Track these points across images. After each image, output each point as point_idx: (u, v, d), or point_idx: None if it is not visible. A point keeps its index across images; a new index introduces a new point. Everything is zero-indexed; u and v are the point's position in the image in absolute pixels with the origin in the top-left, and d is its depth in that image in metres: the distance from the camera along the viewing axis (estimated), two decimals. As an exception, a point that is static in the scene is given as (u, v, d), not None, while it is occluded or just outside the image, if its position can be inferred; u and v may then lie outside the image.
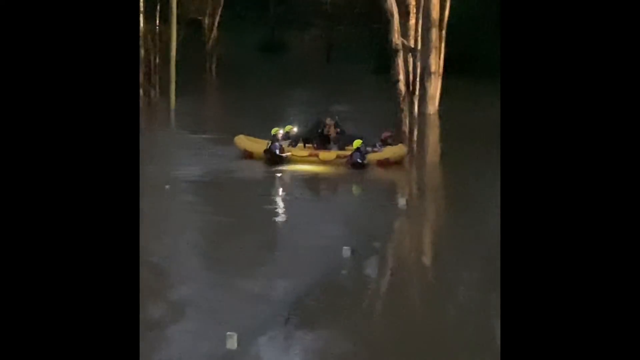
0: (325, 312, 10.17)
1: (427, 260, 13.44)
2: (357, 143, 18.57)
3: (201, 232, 13.98)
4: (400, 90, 22.08)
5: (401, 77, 22.06)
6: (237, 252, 12.33)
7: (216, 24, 40.07)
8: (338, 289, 11.15)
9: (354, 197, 17.14)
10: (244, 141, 19.97)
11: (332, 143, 19.44)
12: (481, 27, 37.70)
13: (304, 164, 18.84)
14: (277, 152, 18.71)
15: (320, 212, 15.34)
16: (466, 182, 18.03)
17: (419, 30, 23.64)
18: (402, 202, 15.94)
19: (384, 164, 18.81)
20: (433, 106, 27.61)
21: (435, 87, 27.69)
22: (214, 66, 39.96)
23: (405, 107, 22.15)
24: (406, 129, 22.09)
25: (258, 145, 19.56)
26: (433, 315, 10.36)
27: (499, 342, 9.40)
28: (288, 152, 18.97)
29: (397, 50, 22.02)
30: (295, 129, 19.92)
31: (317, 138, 19.65)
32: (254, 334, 8.93)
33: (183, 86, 28.83)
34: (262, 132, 20.10)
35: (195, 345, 8.63)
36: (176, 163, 19.22)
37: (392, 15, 21.69)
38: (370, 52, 37.00)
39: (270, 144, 18.83)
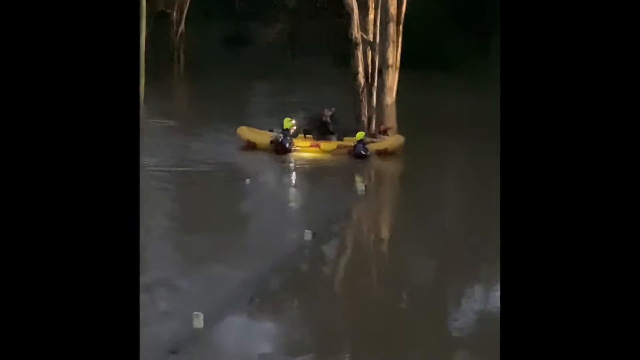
0: (287, 293, 10.19)
1: (384, 243, 13.51)
2: (360, 135, 18.85)
3: (171, 217, 13.89)
4: (360, 82, 22.10)
5: (360, 69, 22.08)
6: (204, 236, 12.28)
7: (184, 17, 39.73)
8: (299, 271, 11.19)
9: (323, 183, 17.09)
10: (246, 132, 19.82)
11: (331, 134, 19.55)
12: (436, 22, 37.93)
13: (307, 154, 18.98)
14: (287, 145, 18.78)
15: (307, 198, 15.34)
16: (422, 168, 18.13)
17: (378, 24, 23.63)
18: (361, 188, 15.98)
19: (383, 154, 19.03)
20: (390, 97, 27.72)
21: (392, 79, 27.79)
22: (181, 59, 39.62)
23: (364, 98, 22.18)
24: (365, 119, 22.14)
25: (261, 136, 19.47)
26: (390, 297, 10.42)
27: (453, 323, 9.60)
28: (292, 144, 19.03)
29: (356, 44, 22.03)
30: (293, 122, 19.67)
31: (316, 129, 19.70)
32: (220, 314, 8.92)
33: (151, 76, 28.54)
34: (230, 121, 19.97)
35: (163, 324, 8.59)
36: (147, 151, 19.04)
37: (352, 10, 21.67)
38: (332, 46, 36.95)
39: (281, 138, 18.81)
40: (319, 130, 19.73)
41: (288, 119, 19.39)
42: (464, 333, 9.36)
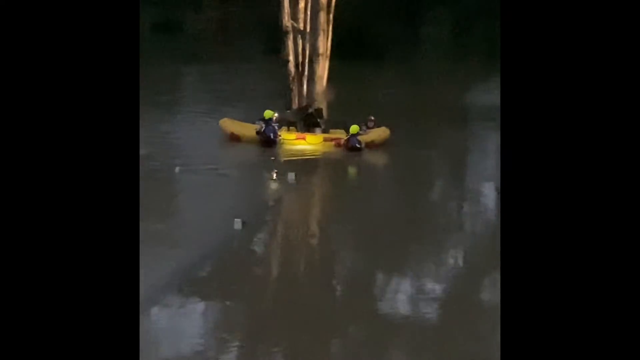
0: (216, 281, 10.17)
1: (313, 231, 13.56)
2: (354, 128, 18.69)
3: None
4: (290, 71, 22.09)
5: (291, 58, 22.07)
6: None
7: (111, 3, 38.90)
8: (229, 259, 11.16)
9: (253, 172, 17.00)
10: (229, 124, 19.46)
11: (316, 126, 19.37)
12: (367, 11, 38.07)
13: (297, 147, 18.71)
14: (272, 136, 18.48)
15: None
16: (352, 157, 18.23)
17: (308, 13, 23.61)
18: (291, 177, 16.00)
19: (370, 145, 18.88)
20: (321, 86, 27.69)
21: (323, 68, 27.73)
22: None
23: (294, 86, 22.17)
24: (296, 107, 22.15)
25: (245, 128, 19.11)
26: (319, 285, 10.49)
27: (381, 310, 9.70)
28: (279, 135, 18.74)
29: (287, 33, 22.01)
30: (276, 114, 19.28)
31: (301, 121, 19.45)
32: (150, 303, 8.85)
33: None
34: (162, 108, 19.66)
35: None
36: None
37: (282, -2, 21.64)
38: (262, 34, 36.77)
39: (263, 128, 18.50)
40: (304, 122, 19.47)
41: (270, 111, 18.96)
42: (394, 321, 9.47)
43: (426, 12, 45.10)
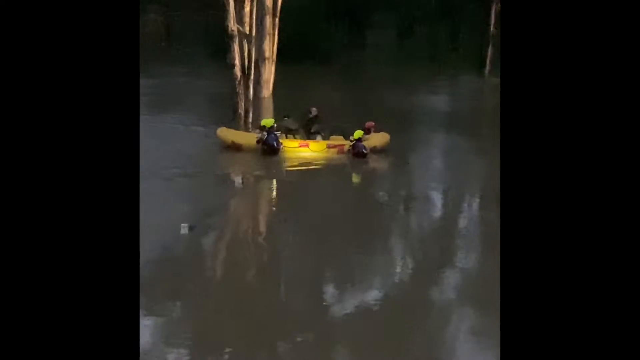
0: (161, 285, 10.07)
1: (261, 235, 13.51)
2: (358, 133, 18.33)
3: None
4: (236, 75, 22.00)
5: (237, 62, 21.97)
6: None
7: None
8: (175, 264, 11.06)
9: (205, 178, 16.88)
10: (228, 133, 19.10)
11: (317, 133, 19.05)
12: (312, 15, 38.13)
13: (295, 154, 18.37)
14: (275, 144, 18.11)
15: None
16: (301, 160, 18.21)
17: (254, 17, 23.56)
18: (238, 181, 15.92)
19: (372, 151, 18.58)
20: (267, 90, 27.71)
21: (269, 72, 27.78)
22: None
23: (241, 90, 22.09)
24: (242, 111, 22.07)
25: (245, 137, 18.79)
26: (266, 288, 10.45)
27: (331, 309, 9.70)
28: (281, 143, 18.39)
29: (232, 36, 21.90)
30: (275, 123, 18.95)
31: (302, 129, 19.17)
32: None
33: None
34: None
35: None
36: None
37: (228, 2, 21.53)
38: (208, 38, 36.57)
39: (265, 136, 18.17)
40: (305, 129, 19.22)
41: (270, 119, 18.70)
42: (343, 323, 9.48)
43: (371, 16, 45.39)
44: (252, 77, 23.03)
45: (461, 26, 45.20)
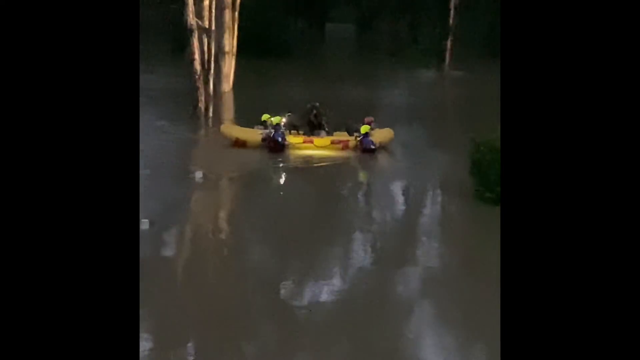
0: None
1: (222, 229, 13.44)
2: (365, 128, 18.08)
3: None
4: (196, 69, 21.84)
5: (196, 56, 21.81)
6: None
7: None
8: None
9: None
10: (232, 129, 18.79)
11: (321, 129, 18.82)
12: (272, 9, 38.00)
13: (301, 150, 18.13)
14: (280, 140, 17.89)
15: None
16: (261, 154, 18.14)
17: (213, 11, 23.39)
18: (199, 175, 15.81)
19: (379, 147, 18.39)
20: (228, 84, 27.56)
21: (229, 66, 27.62)
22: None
23: (201, 85, 21.94)
24: (202, 105, 21.93)
25: (250, 134, 18.48)
26: (228, 283, 10.40)
27: (292, 302, 9.68)
28: (287, 140, 18.18)
29: (192, 31, 21.74)
30: (284, 119, 18.70)
31: (306, 125, 18.94)
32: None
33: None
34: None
35: None
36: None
37: (186, -4, 21.39)
38: (167, 32, 36.26)
39: (273, 133, 17.94)
40: (309, 125, 19.01)
41: (275, 116, 18.42)
42: (305, 317, 9.46)
43: (331, 10, 45.42)
44: (212, 71, 22.90)
45: (421, 20, 45.41)
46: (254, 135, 18.43)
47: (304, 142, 18.45)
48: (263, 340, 8.84)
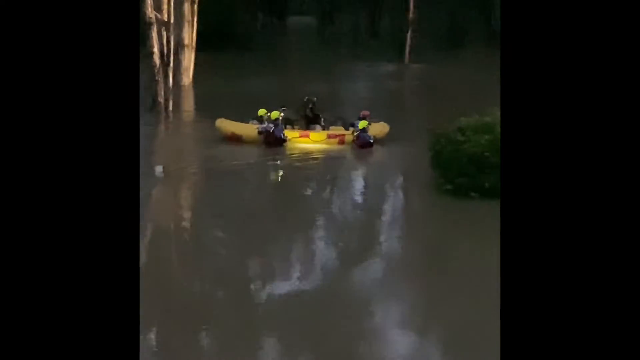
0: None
1: (184, 223, 13.35)
2: (362, 124, 17.94)
3: None
4: (155, 62, 21.65)
5: (155, 49, 21.62)
6: None
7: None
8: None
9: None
10: (228, 124, 18.55)
11: (316, 123, 18.69)
12: (232, 1, 37.83)
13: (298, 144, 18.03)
14: (281, 135, 17.82)
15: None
16: (219, 146, 18.06)
17: (172, 4, 23.21)
18: (159, 170, 15.67)
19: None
20: (187, 78, 27.39)
21: (188, 60, 27.46)
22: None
23: (160, 78, 21.75)
24: (162, 99, 21.74)
25: (245, 128, 18.31)
26: (192, 275, 10.33)
27: (258, 299, 9.64)
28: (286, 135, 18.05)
29: (151, 24, 21.54)
30: (282, 114, 18.51)
31: (302, 119, 18.80)
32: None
33: None
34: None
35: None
36: None
37: (145, -12, 21.17)
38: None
39: (272, 128, 17.84)
40: (305, 119, 18.87)
41: (275, 111, 18.29)
42: (267, 311, 9.43)
43: (292, 2, 45.35)
44: (171, 64, 22.72)
45: (381, 13, 45.52)
46: (250, 130, 18.35)
47: (300, 136, 18.41)
48: (224, 333, 8.79)
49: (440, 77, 29.64)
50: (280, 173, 16.83)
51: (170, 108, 21.93)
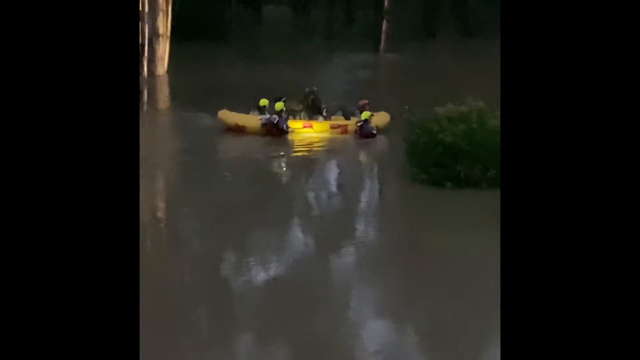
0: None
1: (160, 214, 13.30)
2: (365, 114, 17.91)
3: None
4: (130, 52, 21.49)
5: (130, 39, 21.45)
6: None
7: None
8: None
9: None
10: (231, 115, 18.43)
11: (318, 114, 18.64)
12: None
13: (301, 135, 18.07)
14: (285, 126, 17.85)
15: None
16: (195, 136, 17.99)
17: (147, -7, 23.08)
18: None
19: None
20: (162, 67, 27.22)
21: (163, 49, 27.28)
22: None
23: (135, 68, 21.60)
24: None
25: (248, 119, 18.23)
26: (166, 265, 10.31)
27: (233, 291, 9.62)
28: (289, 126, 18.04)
29: (125, 13, 21.36)
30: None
31: (305, 109, 18.71)
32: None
33: None
34: None
35: None
36: None
37: (118, -23, 21.01)
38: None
39: (277, 119, 17.84)
40: (308, 110, 18.78)
41: (279, 102, 18.23)
42: (244, 300, 9.43)
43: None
44: (146, 54, 22.58)
45: (356, 3, 45.47)
46: (253, 121, 18.30)
47: (303, 126, 18.43)
48: (199, 322, 8.78)
49: (415, 67, 29.70)
50: (284, 165, 16.83)
51: (145, 98, 21.81)
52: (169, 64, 27.41)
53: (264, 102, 18.63)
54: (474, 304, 9.06)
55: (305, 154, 17.08)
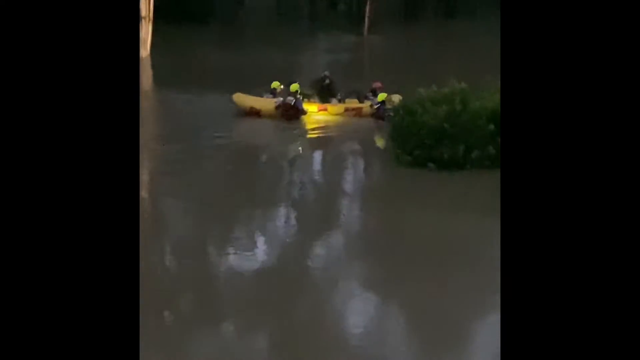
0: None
1: (145, 201, 13.28)
2: (382, 96, 17.96)
3: None
4: (112, 35, 21.33)
5: (112, 21, 21.29)
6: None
7: None
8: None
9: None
10: (245, 99, 18.40)
11: (332, 97, 18.69)
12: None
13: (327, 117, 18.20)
14: (301, 108, 18.02)
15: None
16: (179, 119, 17.94)
17: (129, -25, 22.87)
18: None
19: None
20: (145, 50, 27.04)
21: (146, 32, 27.10)
22: None
23: (117, 50, 21.44)
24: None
25: (263, 102, 18.27)
26: (151, 248, 10.32)
27: (218, 275, 9.63)
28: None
29: (107, -5, 21.19)
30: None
31: (319, 92, 18.78)
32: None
33: None
34: None
35: None
36: None
37: (100, -41, 20.83)
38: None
39: (294, 101, 17.99)
40: (321, 93, 18.84)
41: (295, 84, 18.31)
42: (228, 283, 9.45)
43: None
44: (128, 36, 22.38)
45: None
46: (268, 103, 18.34)
47: (318, 110, 18.55)
48: (183, 310, 8.79)
49: (398, 48, 29.66)
50: (300, 146, 16.90)
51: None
52: (151, 47, 27.24)
53: (275, 84, 18.64)
54: (459, 282, 9.13)
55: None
